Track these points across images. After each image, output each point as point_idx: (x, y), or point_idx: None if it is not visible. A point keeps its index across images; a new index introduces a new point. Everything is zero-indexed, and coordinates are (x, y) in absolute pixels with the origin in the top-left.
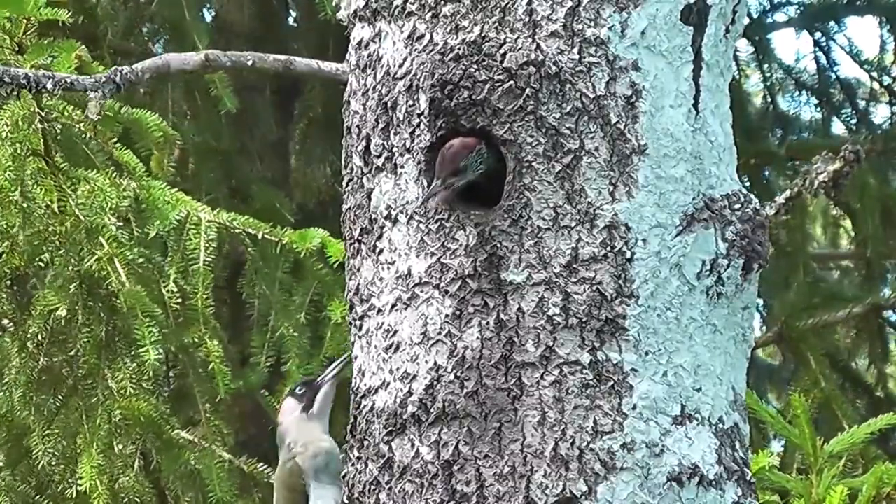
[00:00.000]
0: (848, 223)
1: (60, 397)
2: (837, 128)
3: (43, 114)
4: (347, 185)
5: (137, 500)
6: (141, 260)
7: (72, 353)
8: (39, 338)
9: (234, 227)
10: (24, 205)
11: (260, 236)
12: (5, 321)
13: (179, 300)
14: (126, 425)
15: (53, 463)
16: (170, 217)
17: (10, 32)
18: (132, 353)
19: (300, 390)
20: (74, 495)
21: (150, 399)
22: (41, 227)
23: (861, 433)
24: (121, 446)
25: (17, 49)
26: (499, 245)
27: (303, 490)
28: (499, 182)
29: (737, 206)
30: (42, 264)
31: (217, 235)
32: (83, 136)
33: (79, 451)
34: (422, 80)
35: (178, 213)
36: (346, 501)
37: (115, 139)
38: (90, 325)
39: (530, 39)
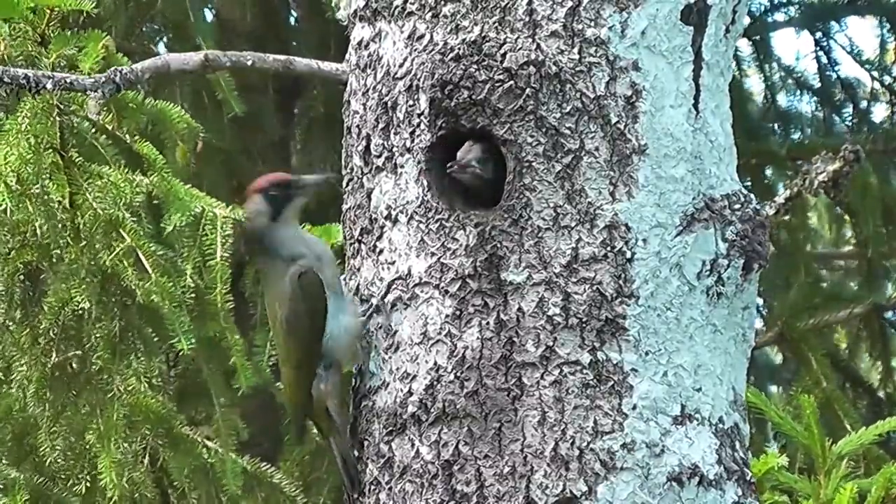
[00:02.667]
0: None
1: (73, 392)
2: (838, 128)
3: (61, 107)
4: (347, 185)
5: (148, 495)
6: (161, 253)
7: (84, 348)
8: (51, 333)
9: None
10: (44, 198)
11: None
12: (17, 315)
13: (193, 296)
14: (135, 422)
15: (61, 458)
16: (189, 208)
17: (32, 23)
18: (145, 349)
19: (273, 192)
20: (83, 491)
21: (158, 396)
22: (56, 222)
23: (870, 434)
24: (127, 444)
25: (39, 40)
26: (499, 245)
27: (325, 302)
28: (499, 182)
29: (737, 206)
30: (54, 259)
31: (232, 231)
32: (101, 129)
33: (89, 446)
34: (422, 80)
35: (194, 209)
36: (348, 490)
37: (136, 133)
38: (104, 320)
39: (530, 39)
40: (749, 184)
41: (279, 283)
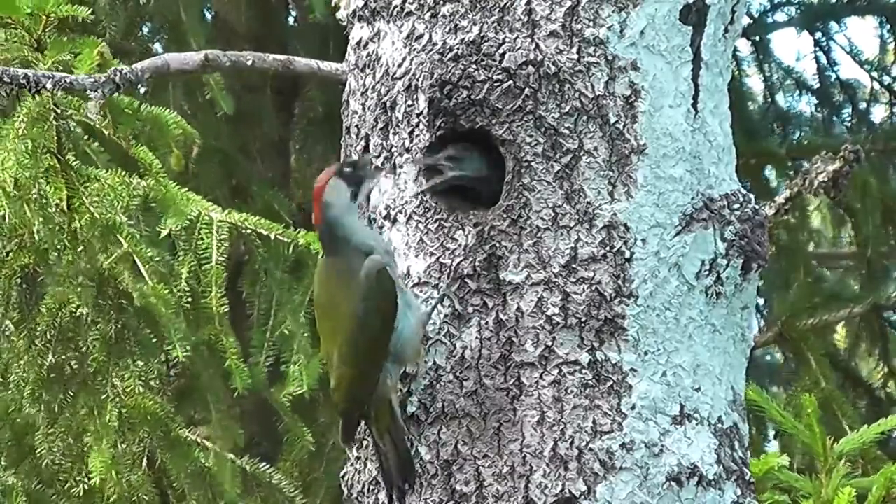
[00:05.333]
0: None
1: (70, 394)
2: (837, 128)
3: (58, 111)
4: None
5: (145, 498)
6: (157, 259)
7: (81, 350)
8: (48, 335)
9: (245, 227)
10: (42, 202)
11: (272, 237)
12: (15, 318)
13: (190, 299)
14: (133, 424)
15: (59, 461)
16: (185, 212)
17: (28, 29)
18: (143, 351)
19: (347, 170)
20: (81, 493)
21: (156, 398)
22: (53, 225)
23: (871, 433)
24: (125, 445)
25: (35, 46)
26: (498, 245)
27: (396, 300)
28: (498, 182)
29: (735, 205)
30: (51, 262)
31: (228, 235)
32: (97, 133)
33: (86, 448)
34: (421, 79)
35: (190, 213)
36: (346, 496)
37: (132, 137)
38: (100, 322)
39: (529, 39)
40: (749, 184)
41: (350, 276)
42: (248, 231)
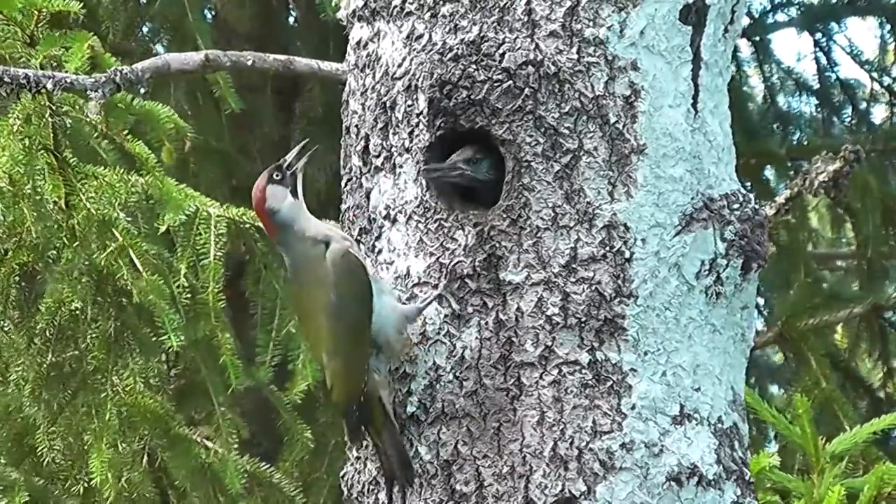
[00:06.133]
0: (849, 223)
1: (69, 392)
2: (837, 128)
3: (54, 108)
4: (346, 185)
5: (146, 496)
6: (153, 252)
7: (80, 348)
8: (47, 333)
9: (244, 222)
10: (37, 199)
11: None
12: (14, 316)
13: (188, 295)
14: (133, 422)
15: (59, 459)
16: (183, 207)
17: (21, 24)
18: (142, 349)
19: (278, 175)
20: (81, 492)
21: (156, 396)
22: (51, 223)
23: (864, 433)
24: (125, 443)
25: (28, 41)
26: (498, 245)
27: (367, 279)
28: (497, 183)
29: (735, 205)
30: (50, 259)
31: (227, 231)
32: (92, 130)
33: (87, 447)
34: (420, 79)
35: (188, 208)
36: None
37: (125, 131)
38: (99, 320)
39: (529, 39)
40: (749, 184)
41: (315, 267)
42: (247, 226)
